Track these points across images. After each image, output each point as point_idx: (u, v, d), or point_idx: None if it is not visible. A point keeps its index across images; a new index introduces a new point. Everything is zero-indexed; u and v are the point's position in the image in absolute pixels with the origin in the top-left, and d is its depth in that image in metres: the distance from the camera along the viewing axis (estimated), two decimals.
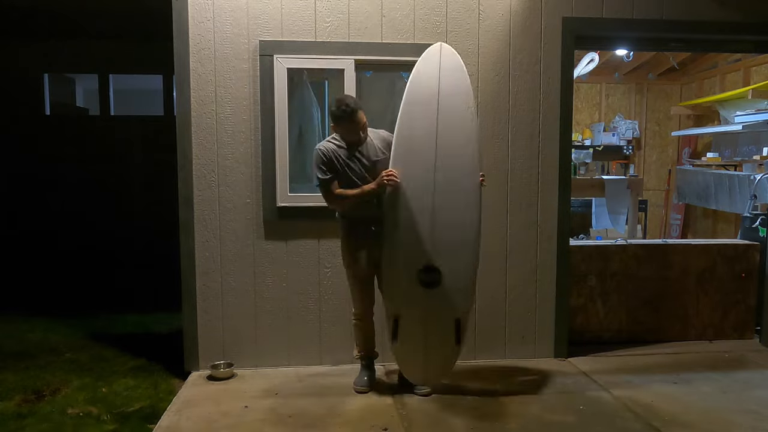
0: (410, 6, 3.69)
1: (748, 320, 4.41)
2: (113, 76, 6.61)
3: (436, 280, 3.15)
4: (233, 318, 3.73)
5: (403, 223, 3.15)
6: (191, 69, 3.58)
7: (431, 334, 3.22)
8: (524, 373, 3.72)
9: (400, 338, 3.23)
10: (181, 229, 3.66)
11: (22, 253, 6.17)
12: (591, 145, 7.01)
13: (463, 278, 3.19)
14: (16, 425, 3.08)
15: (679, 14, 3.85)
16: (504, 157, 3.85)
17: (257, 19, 3.60)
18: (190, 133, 3.62)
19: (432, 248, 3.14)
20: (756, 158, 5.58)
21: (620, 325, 4.30)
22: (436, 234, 3.14)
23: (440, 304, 3.18)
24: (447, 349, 3.25)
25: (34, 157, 6.25)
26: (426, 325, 3.21)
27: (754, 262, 4.39)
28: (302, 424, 2.99)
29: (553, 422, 3.03)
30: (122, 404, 3.33)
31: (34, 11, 5.37)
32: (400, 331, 3.22)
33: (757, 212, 4.74)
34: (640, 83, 7.33)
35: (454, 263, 3.16)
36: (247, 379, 3.60)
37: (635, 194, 6.09)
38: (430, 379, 3.34)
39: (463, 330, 3.23)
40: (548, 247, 3.92)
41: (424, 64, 3.18)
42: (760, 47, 4.39)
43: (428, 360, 3.26)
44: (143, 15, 4.96)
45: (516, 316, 3.93)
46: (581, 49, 4.91)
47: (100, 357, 4.11)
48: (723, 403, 3.27)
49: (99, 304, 5.45)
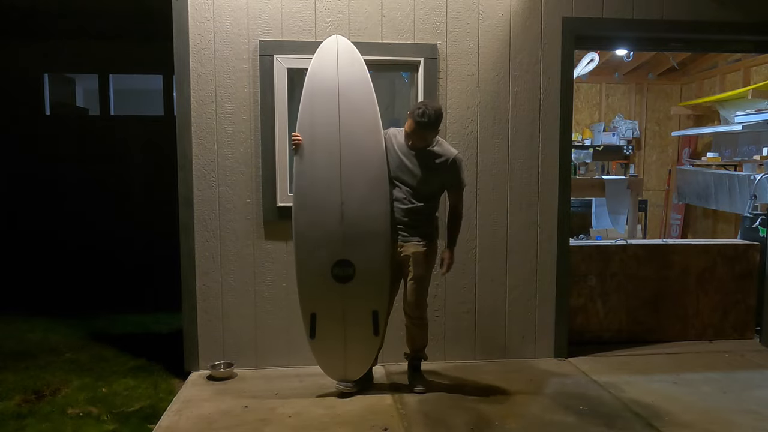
0: (410, 6, 3.69)
1: (748, 320, 4.41)
2: (113, 76, 6.61)
3: (350, 274, 3.20)
4: (233, 318, 3.73)
5: (313, 219, 3.20)
6: (191, 69, 3.58)
7: (349, 328, 3.26)
8: (524, 373, 3.71)
9: (318, 334, 3.27)
10: (181, 229, 3.66)
11: (22, 253, 6.17)
12: (591, 145, 7.02)
13: (377, 270, 3.23)
14: (16, 425, 3.07)
15: (679, 14, 3.85)
16: (504, 157, 3.85)
17: (257, 19, 3.60)
18: (190, 133, 3.62)
19: (343, 242, 3.19)
20: (756, 158, 5.59)
21: (620, 325, 4.31)
22: (346, 228, 3.19)
23: (356, 297, 3.23)
24: (366, 341, 3.29)
25: (34, 157, 6.25)
26: (344, 320, 3.25)
27: (754, 262, 4.39)
28: (302, 424, 2.99)
29: (553, 422, 3.03)
30: (122, 404, 3.33)
31: (34, 11, 5.37)
32: (317, 326, 3.26)
33: (757, 212, 4.75)
34: (640, 83, 7.34)
35: (367, 255, 3.20)
36: (247, 379, 3.60)
37: (635, 194, 6.09)
38: (350, 373, 3.34)
39: (381, 321, 3.28)
40: (548, 247, 3.92)
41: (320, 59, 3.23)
42: (760, 47, 4.39)
43: (348, 354, 3.30)
44: (143, 15, 4.97)
45: (516, 316, 3.93)
46: (581, 49, 4.92)
47: (100, 357, 4.11)
48: (723, 403, 3.27)
49: (99, 304, 5.46)
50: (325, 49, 3.24)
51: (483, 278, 3.89)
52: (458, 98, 3.78)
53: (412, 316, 3.34)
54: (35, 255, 6.18)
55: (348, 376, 3.34)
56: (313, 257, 3.22)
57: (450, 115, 3.77)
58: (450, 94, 3.77)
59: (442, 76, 3.74)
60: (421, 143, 3.21)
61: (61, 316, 5.09)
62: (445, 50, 3.73)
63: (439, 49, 3.72)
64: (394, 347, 3.62)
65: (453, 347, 3.89)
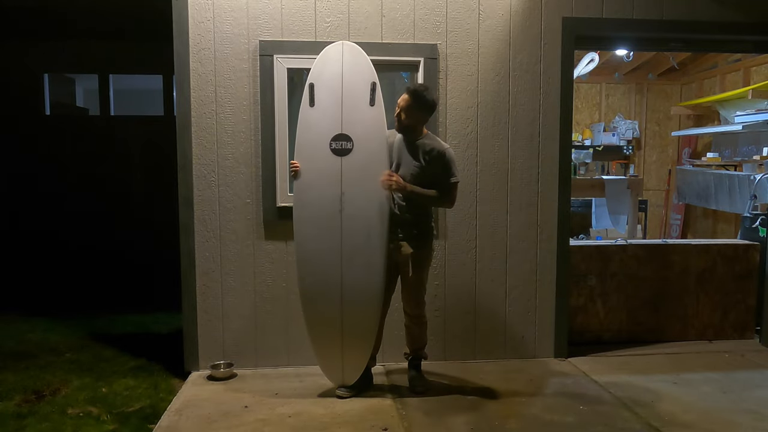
0: (410, 6, 3.69)
1: (748, 320, 4.42)
2: (113, 76, 6.61)
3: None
4: (233, 318, 3.73)
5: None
6: (191, 69, 3.58)
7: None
8: (524, 373, 3.71)
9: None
10: (181, 229, 3.66)
11: (22, 253, 6.17)
12: (591, 145, 7.02)
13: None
14: (16, 425, 3.07)
15: (679, 14, 3.85)
16: (504, 157, 3.85)
17: (257, 19, 3.60)
18: (190, 133, 3.62)
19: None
20: (756, 158, 5.59)
21: (620, 325, 4.30)
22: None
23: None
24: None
25: (34, 157, 6.25)
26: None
27: (754, 262, 4.39)
28: (302, 424, 2.99)
29: (553, 422, 3.03)
30: (122, 404, 3.33)
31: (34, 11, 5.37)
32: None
33: (757, 212, 4.75)
34: (640, 83, 7.34)
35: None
36: (247, 379, 3.60)
37: (635, 194, 6.09)
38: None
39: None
40: (548, 247, 3.92)
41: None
42: (760, 47, 4.39)
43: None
44: (143, 15, 4.96)
45: (516, 316, 3.93)
46: (581, 49, 4.92)
47: (100, 357, 4.11)
48: (723, 403, 3.27)
49: (99, 304, 5.46)
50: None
51: (483, 278, 3.89)
52: (458, 98, 3.78)
53: (412, 315, 3.35)
54: (35, 255, 6.18)
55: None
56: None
57: (450, 115, 3.77)
58: (450, 94, 3.77)
59: (442, 76, 3.75)
60: (409, 121, 3.20)
61: (61, 316, 5.09)
62: (445, 50, 3.73)
63: (439, 49, 3.72)
64: (394, 347, 3.62)
65: (453, 347, 3.89)
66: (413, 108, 3.18)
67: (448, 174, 3.25)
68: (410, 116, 3.20)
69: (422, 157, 3.23)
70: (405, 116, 3.20)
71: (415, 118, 3.22)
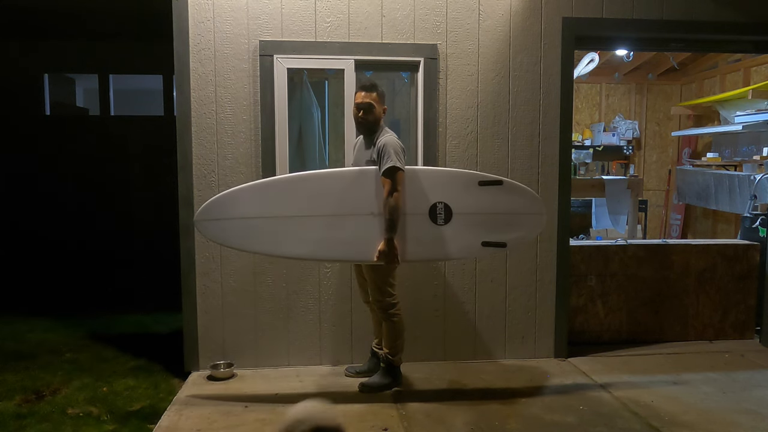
0: (410, 6, 3.69)
1: (748, 320, 4.41)
2: (113, 76, 6.62)
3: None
4: (233, 318, 3.73)
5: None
6: (191, 69, 3.58)
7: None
8: (524, 373, 3.71)
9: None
10: (181, 229, 3.66)
11: (22, 253, 6.18)
12: (591, 145, 7.02)
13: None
14: (16, 425, 3.08)
15: (679, 14, 3.85)
16: (504, 157, 3.85)
17: (257, 19, 3.60)
18: (190, 133, 3.62)
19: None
20: (756, 158, 5.58)
21: (620, 325, 4.30)
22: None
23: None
24: None
25: (34, 157, 6.26)
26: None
27: (754, 262, 4.39)
28: None
29: (553, 422, 3.03)
30: (122, 404, 3.33)
31: (34, 11, 5.38)
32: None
33: (757, 212, 4.75)
34: (640, 83, 7.34)
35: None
36: (247, 379, 3.60)
37: (635, 194, 6.09)
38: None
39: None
40: (548, 247, 3.92)
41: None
42: (760, 47, 4.39)
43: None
44: (143, 15, 4.97)
45: (516, 316, 3.93)
46: (581, 49, 4.91)
47: (100, 357, 4.11)
48: (723, 403, 3.27)
49: (99, 304, 5.46)
50: None
51: (483, 278, 3.89)
52: (458, 98, 3.78)
53: (371, 300, 3.36)
54: (35, 255, 6.19)
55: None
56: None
57: (450, 115, 3.77)
58: (450, 94, 3.77)
59: (442, 76, 3.75)
60: (369, 117, 3.20)
61: (61, 316, 5.09)
62: (445, 50, 3.73)
63: (439, 49, 3.72)
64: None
65: (453, 347, 3.89)
66: (375, 101, 3.21)
67: (381, 160, 3.10)
68: (370, 111, 3.22)
69: (372, 153, 3.23)
70: (364, 113, 3.22)
71: (376, 112, 3.23)
